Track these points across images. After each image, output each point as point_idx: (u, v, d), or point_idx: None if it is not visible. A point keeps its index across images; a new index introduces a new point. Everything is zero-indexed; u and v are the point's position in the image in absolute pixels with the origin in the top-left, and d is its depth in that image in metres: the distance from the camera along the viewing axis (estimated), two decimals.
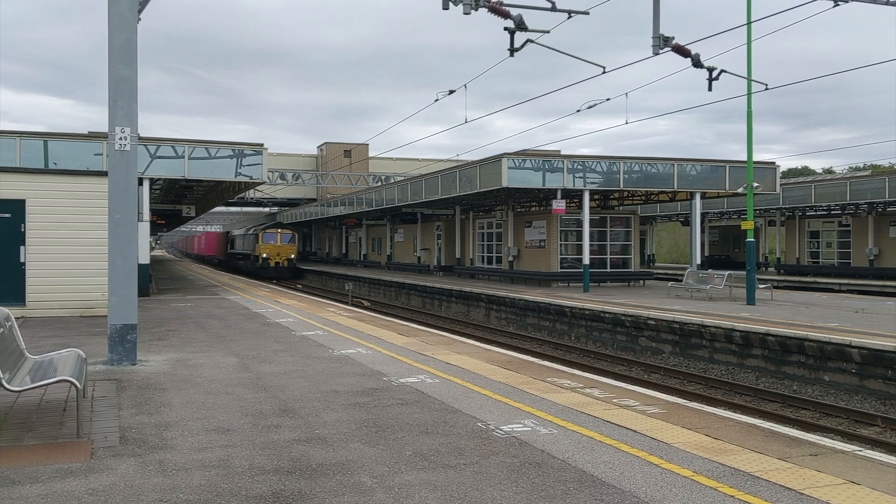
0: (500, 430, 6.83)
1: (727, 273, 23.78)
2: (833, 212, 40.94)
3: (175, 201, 39.40)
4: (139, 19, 10.45)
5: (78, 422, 6.53)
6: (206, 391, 8.47)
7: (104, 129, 10.57)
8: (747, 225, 21.80)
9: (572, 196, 30.92)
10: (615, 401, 8.25)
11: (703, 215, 45.40)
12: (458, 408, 7.75)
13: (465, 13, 12.86)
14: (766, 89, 17.57)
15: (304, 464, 5.69)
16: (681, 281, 26.96)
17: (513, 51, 13.96)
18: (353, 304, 28.39)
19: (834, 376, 13.45)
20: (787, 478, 5.48)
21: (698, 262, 30.26)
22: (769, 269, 46.21)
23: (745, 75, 20.30)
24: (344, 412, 7.47)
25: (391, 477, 5.39)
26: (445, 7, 12.96)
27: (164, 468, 5.54)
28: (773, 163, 31.80)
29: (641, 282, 32.51)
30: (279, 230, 51.72)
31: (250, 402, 7.93)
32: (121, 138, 10.16)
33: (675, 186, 29.10)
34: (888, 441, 10.35)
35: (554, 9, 13.84)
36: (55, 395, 8.02)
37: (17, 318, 11.13)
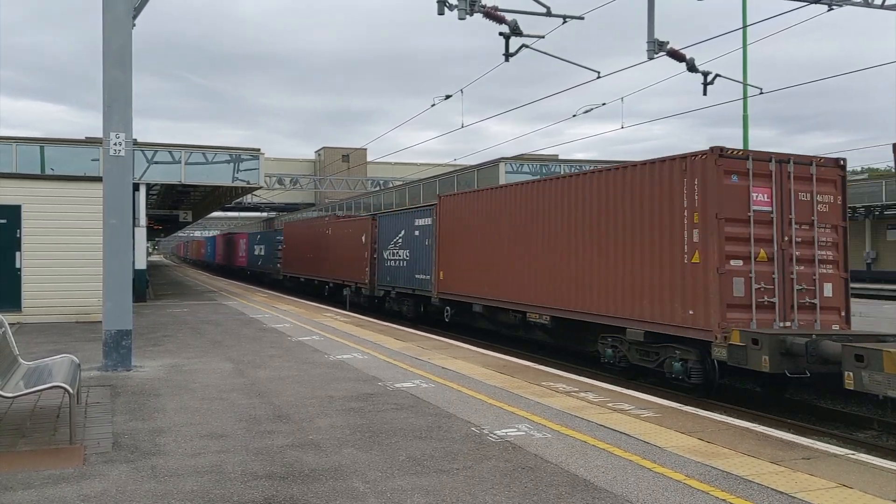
0: (494, 434, 6.83)
1: None
2: None
3: (172, 206, 39.39)
4: (134, 24, 10.47)
5: (71, 427, 6.52)
6: (200, 397, 8.46)
7: (99, 134, 10.58)
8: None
9: None
10: (610, 405, 8.26)
11: None
12: (453, 412, 7.75)
13: (459, 18, 12.89)
14: (762, 93, 17.61)
15: (297, 469, 5.68)
16: None
17: (508, 56, 13.99)
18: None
19: None
20: (779, 481, 5.48)
21: None
22: None
23: (740, 79, 20.36)
24: (338, 417, 7.47)
25: (384, 482, 5.39)
26: (441, 12, 12.99)
27: (156, 474, 5.54)
28: None
29: None
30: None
31: (245, 407, 7.93)
32: (115, 143, 10.17)
33: None
34: (883, 445, 10.36)
35: (549, 14, 13.88)
36: (49, 400, 8.01)
37: (12, 324, 11.12)
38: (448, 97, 21.90)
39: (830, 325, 11.76)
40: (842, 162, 12.06)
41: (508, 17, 13.55)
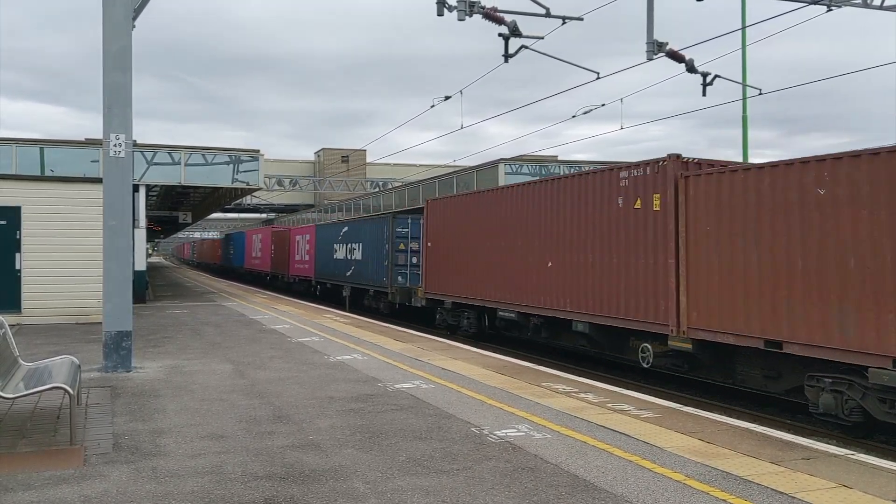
0: (494, 434, 6.84)
1: None
2: None
3: (172, 208, 39.46)
4: (133, 26, 10.48)
5: (71, 429, 6.53)
6: (200, 398, 8.46)
7: (99, 135, 10.60)
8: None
9: None
10: (609, 405, 8.26)
11: None
12: (453, 413, 7.75)
13: (459, 19, 12.91)
14: (760, 94, 17.62)
15: (298, 470, 5.69)
16: None
17: (507, 57, 14.00)
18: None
19: None
20: (779, 481, 5.49)
21: None
22: None
23: (740, 80, 20.38)
24: (338, 418, 7.47)
25: (384, 482, 5.39)
26: (440, 13, 13.01)
27: (157, 475, 5.54)
28: None
29: None
30: None
31: (245, 408, 7.93)
32: (115, 145, 10.17)
33: None
34: (883, 445, 10.35)
35: (548, 15, 13.89)
36: (49, 402, 8.02)
37: (12, 326, 11.12)
38: (447, 98, 21.92)
39: None
40: None
41: (508, 18, 13.56)
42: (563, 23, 14.05)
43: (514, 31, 13.70)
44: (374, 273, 25.55)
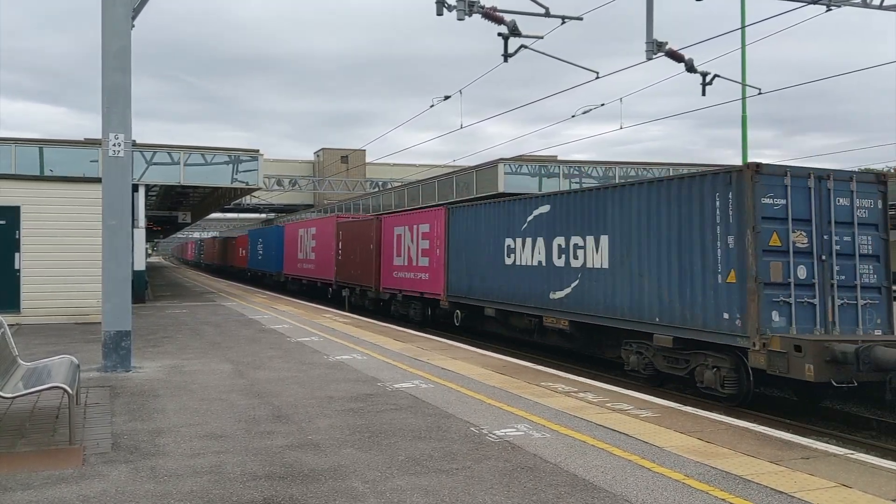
0: (494, 434, 6.84)
1: None
2: None
3: (171, 208, 39.46)
4: (133, 26, 10.47)
5: (70, 428, 6.52)
6: (200, 398, 8.46)
7: (99, 135, 10.59)
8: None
9: None
10: (609, 405, 8.26)
11: None
12: (452, 412, 7.75)
13: (458, 19, 12.90)
14: (760, 93, 17.63)
15: (297, 470, 5.69)
16: None
17: (506, 56, 14.00)
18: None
19: None
20: (778, 481, 5.49)
21: None
22: None
23: (739, 80, 20.38)
24: (338, 418, 7.47)
25: (383, 482, 5.39)
26: (439, 13, 13.00)
27: (156, 474, 5.54)
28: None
29: None
30: None
31: (244, 408, 7.93)
32: (114, 145, 10.17)
33: None
34: (882, 445, 10.35)
35: (548, 14, 13.89)
36: (48, 401, 8.01)
37: (11, 325, 11.11)
38: (447, 98, 21.92)
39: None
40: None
41: (507, 17, 13.55)
42: (563, 22, 14.06)
43: (514, 31, 13.69)
44: (671, 298, 12.12)
